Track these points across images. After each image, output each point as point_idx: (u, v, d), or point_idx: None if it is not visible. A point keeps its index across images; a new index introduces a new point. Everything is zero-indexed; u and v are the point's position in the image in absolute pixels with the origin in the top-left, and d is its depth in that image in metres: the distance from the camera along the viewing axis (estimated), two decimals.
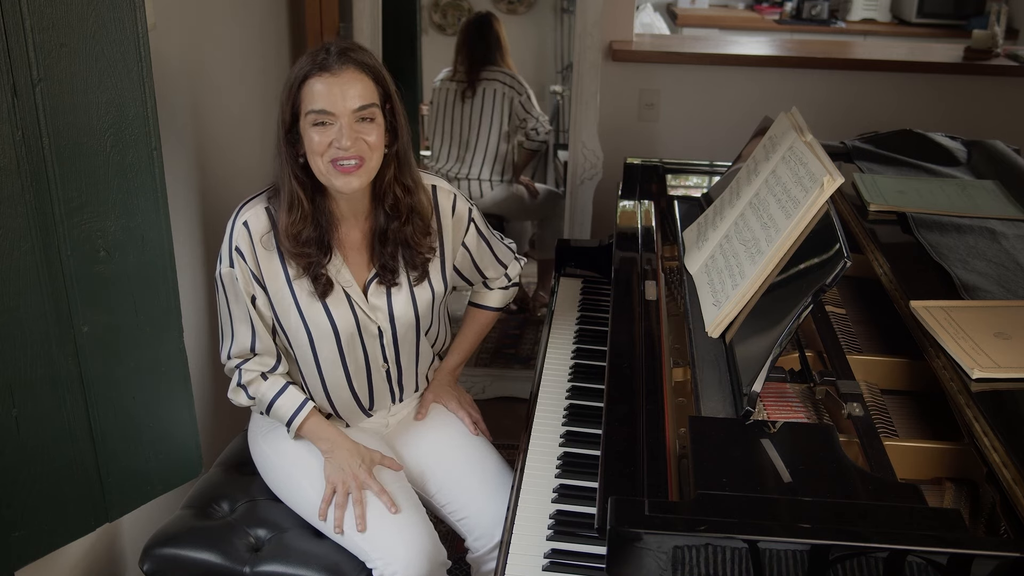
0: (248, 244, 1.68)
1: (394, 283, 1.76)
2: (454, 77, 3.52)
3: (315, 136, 1.61)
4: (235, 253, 1.69)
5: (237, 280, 1.70)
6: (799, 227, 1.52)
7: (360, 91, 1.61)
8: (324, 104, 1.60)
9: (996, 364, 1.34)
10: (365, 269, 1.76)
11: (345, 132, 1.60)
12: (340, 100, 1.60)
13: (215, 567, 1.70)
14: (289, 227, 1.66)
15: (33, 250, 1.41)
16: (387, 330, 1.78)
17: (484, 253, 1.91)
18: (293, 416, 1.76)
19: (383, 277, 1.76)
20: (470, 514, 1.83)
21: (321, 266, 1.69)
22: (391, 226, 1.73)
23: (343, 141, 1.60)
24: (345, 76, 1.60)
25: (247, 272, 1.69)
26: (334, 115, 1.60)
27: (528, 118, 3.50)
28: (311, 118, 1.61)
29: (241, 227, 1.69)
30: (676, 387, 1.55)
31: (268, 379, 1.77)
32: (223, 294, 1.73)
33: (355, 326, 1.75)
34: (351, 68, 1.61)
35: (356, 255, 1.76)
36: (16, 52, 1.33)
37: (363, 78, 1.62)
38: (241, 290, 1.70)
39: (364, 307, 1.75)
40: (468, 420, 1.94)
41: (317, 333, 1.73)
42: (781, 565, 1.09)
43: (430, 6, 3.81)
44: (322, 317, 1.72)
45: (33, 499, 1.50)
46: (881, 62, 3.33)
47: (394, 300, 1.77)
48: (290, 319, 1.73)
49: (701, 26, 5.17)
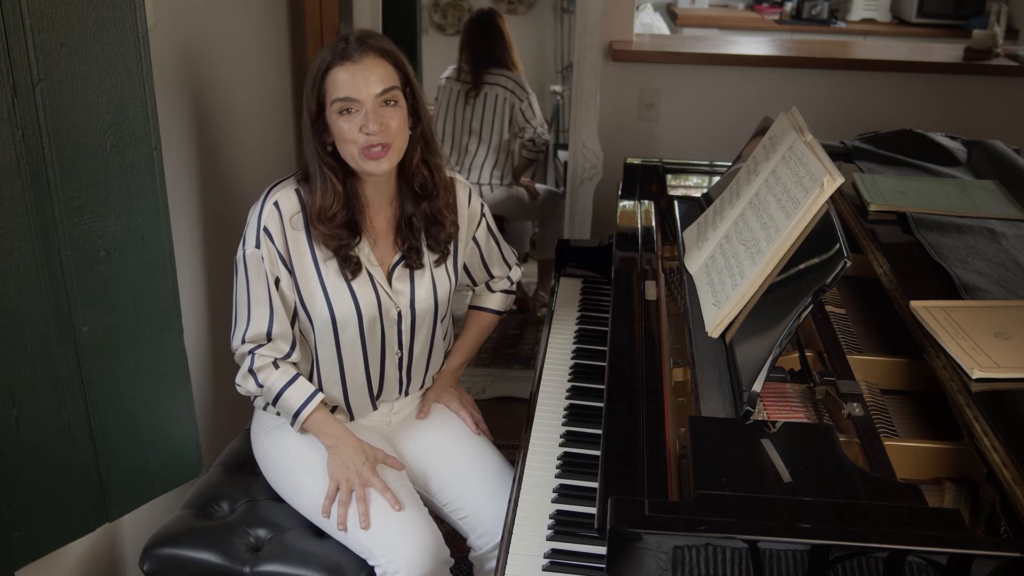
0: (278, 224, 1.71)
1: (419, 265, 1.81)
2: (459, 77, 3.51)
3: (343, 125, 1.66)
4: (263, 233, 1.70)
5: (263, 260, 1.71)
6: (799, 227, 1.52)
7: (381, 76, 1.66)
8: (348, 92, 1.65)
9: (996, 364, 1.34)
10: (390, 253, 1.80)
11: (371, 117, 1.65)
12: (363, 86, 1.65)
13: (215, 567, 1.70)
14: (323, 210, 1.70)
15: (33, 250, 1.41)
16: (407, 315, 1.81)
17: (492, 250, 1.97)
18: (302, 407, 1.76)
19: (409, 259, 1.80)
20: (472, 513, 1.84)
21: (351, 248, 1.73)
22: (420, 206, 1.78)
23: (370, 126, 1.65)
24: (366, 63, 1.66)
25: (274, 253, 1.71)
26: (359, 101, 1.65)
27: (527, 127, 3.49)
28: (337, 106, 1.66)
29: (272, 207, 1.71)
30: (676, 387, 1.55)
31: (279, 367, 1.77)
32: (243, 276, 1.73)
33: (377, 309, 1.77)
34: (371, 54, 1.67)
35: (382, 239, 1.80)
36: (16, 52, 1.33)
37: (383, 63, 1.68)
38: (266, 271, 1.72)
39: (388, 290, 1.78)
40: (470, 420, 1.95)
41: (341, 315, 1.75)
42: (781, 565, 1.09)
43: (430, 6, 3.81)
44: (347, 298, 1.74)
45: (33, 499, 1.50)
46: (881, 62, 3.33)
47: (417, 285, 1.81)
48: (315, 301, 1.74)
49: (701, 26, 5.17)
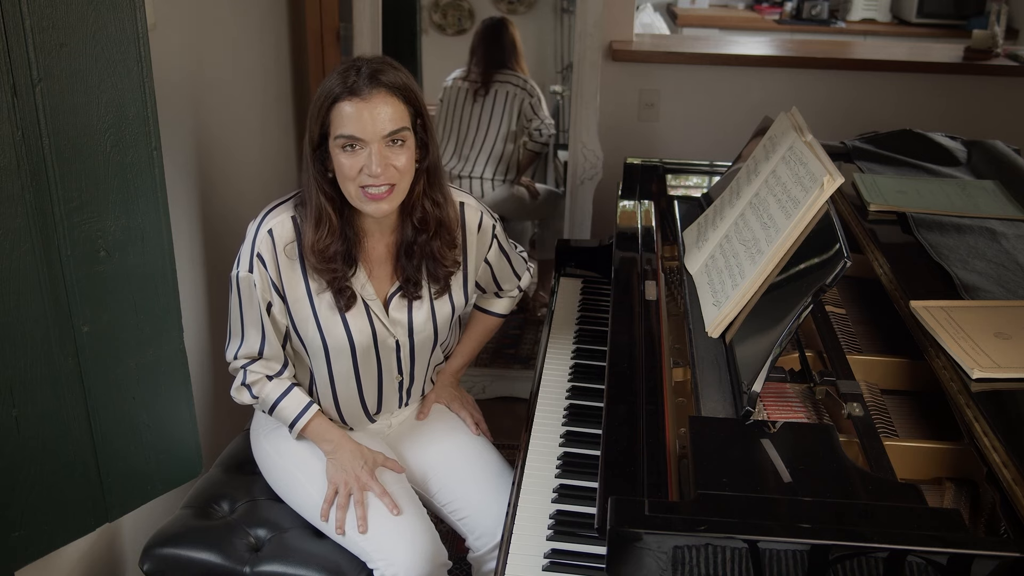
0: (271, 252, 1.66)
1: (416, 296, 1.75)
2: (467, 78, 3.52)
3: (345, 161, 1.59)
4: (256, 259, 1.66)
5: (255, 286, 1.68)
6: (799, 227, 1.52)
7: (391, 115, 1.58)
8: (353, 130, 1.57)
9: (996, 364, 1.34)
10: (388, 282, 1.75)
11: (375, 159, 1.57)
12: (370, 126, 1.57)
13: (215, 567, 1.70)
14: (316, 243, 1.63)
15: (33, 250, 1.41)
16: (405, 343, 1.78)
17: (504, 268, 1.92)
18: (297, 418, 1.76)
19: (406, 290, 1.74)
20: (471, 513, 1.83)
21: (346, 279, 1.68)
22: (418, 239, 1.71)
23: (373, 168, 1.57)
24: (375, 100, 1.57)
25: (266, 279, 1.67)
26: (364, 141, 1.57)
27: (534, 119, 3.50)
28: (340, 142, 1.58)
29: (265, 235, 1.66)
30: (676, 387, 1.55)
31: (272, 380, 1.77)
32: (236, 296, 1.71)
33: (372, 339, 1.74)
34: (382, 92, 1.58)
35: (379, 268, 1.74)
36: (16, 52, 1.32)
37: (394, 101, 1.59)
38: (257, 296, 1.68)
39: (384, 320, 1.74)
40: (470, 420, 1.94)
41: (334, 344, 1.72)
42: (781, 565, 1.09)
43: (430, 6, 3.81)
44: (340, 329, 1.71)
45: (33, 499, 1.50)
46: (881, 62, 3.33)
47: (415, 314, 1.77)
48: (308, 329, 1.72)
49: (701, 26, 5.17)
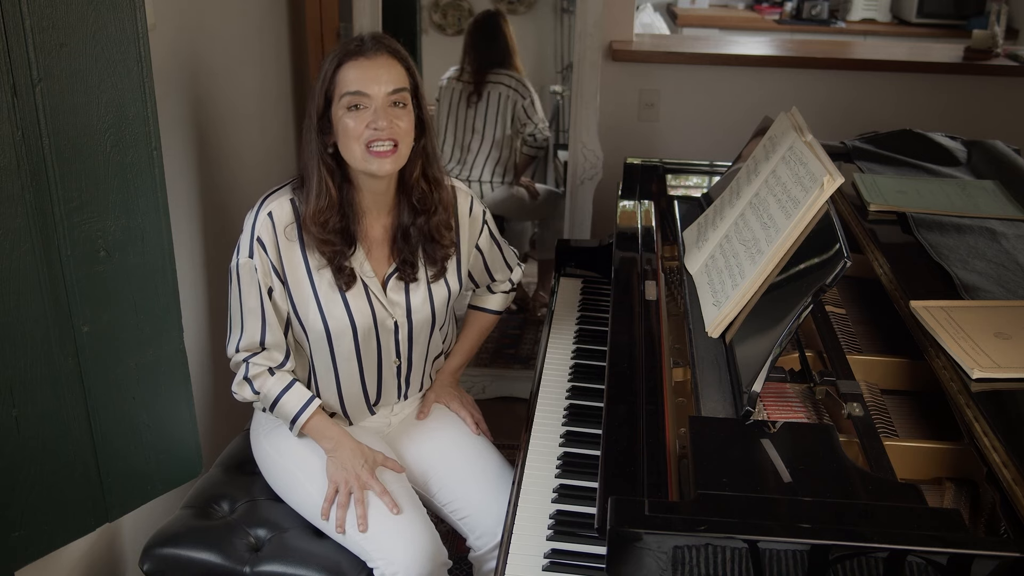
0: (271, 235, 1.70)
1: (413, 278, 1.79)
2: (461, 77, 3.51)
3: (350, 122, 1.65)
4: (256, 243, 1.69)
5: (256, 271, 1.70)
6: (799, 227, 1.52)
7: (394, 76, 1.66)
8: (359, 86, 1.64)
9: (996, 364, 1.34)
10: (385, 264, 1.78)
11: (380, 114, 1.64)
12: (375, 83, 1.64)
13: (215, 567, 1.70)
14: (316, 214, 1.68)
15: (33, 250, 1.41)
16: (403, 325, 1.80)
17: (495, 256, 1.95)
18: (299, 413, 1.76)
19: (403, 272, 1.78)
20: (471, 513, 1.83)
21: (345, 257, 1.72)
22: (416, 221, 1.76)
23: (379, 122, 1.63)
24: (379, 60, 1.65)
25: (267, 263, 1.70)
26: (369, 96, 1.64)
27: (528, 123, 3.50)
28: (346, 101, 1.64)
29: (265, 217, 1.70)
30: (676, 387, 1.55)
31: (275, 374, 1.77)
32: (236, 285, 1.73)
33: (372, 320, 1.76)
34: (385, 53, 1.67)
35: (377, 249, 1.78)
36: (16, 52, 1.33)
37: (396, 64, 1.67)
38: (259, 281, 1.70)
39: (383, 301, 1.77)
40: (470, 420, 1.95)
41: (335, 326, 1.74)
42: (781, 565, 1.09)
43: (430, 6, 3.81)
44: (341, 310, 1.73)
45: (33, 499, 1.50)
46: (881, 62, 3.33)
47: (412, 296, 1.80)
48: (309, 312, 1.73)
49: (701, 26, 5.17)
